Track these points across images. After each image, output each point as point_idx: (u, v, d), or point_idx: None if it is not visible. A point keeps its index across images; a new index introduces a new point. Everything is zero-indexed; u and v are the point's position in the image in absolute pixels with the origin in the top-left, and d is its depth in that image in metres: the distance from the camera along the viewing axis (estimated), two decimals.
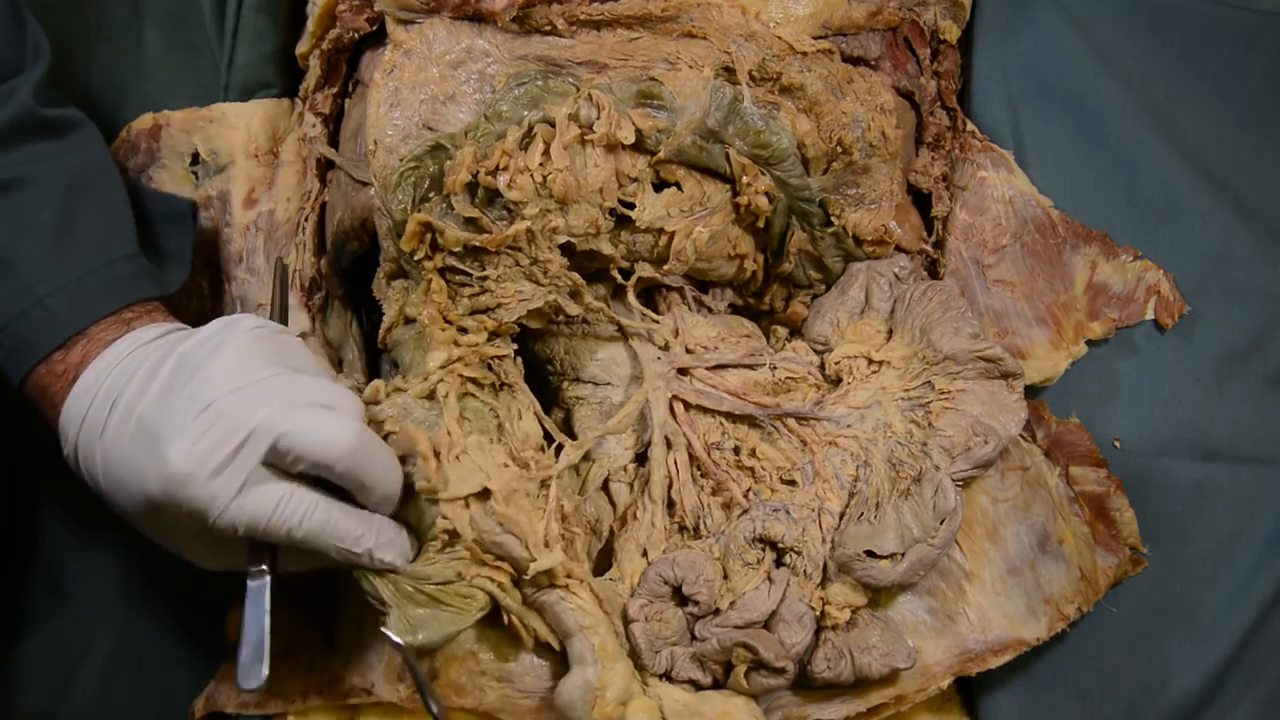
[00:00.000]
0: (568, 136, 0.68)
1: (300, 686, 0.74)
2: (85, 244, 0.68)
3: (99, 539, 0.78)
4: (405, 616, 0.64)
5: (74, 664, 0.77)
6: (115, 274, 0.68)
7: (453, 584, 0.65)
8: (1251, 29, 0.79)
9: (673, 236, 0.71)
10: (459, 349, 0.69)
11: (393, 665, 0.73)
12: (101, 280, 0.67)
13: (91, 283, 0.67)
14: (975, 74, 0.80)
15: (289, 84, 0.81)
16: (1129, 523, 0.75)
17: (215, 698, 0.75)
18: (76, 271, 0.67)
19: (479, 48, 0.70)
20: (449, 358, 0.69)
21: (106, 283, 0.67)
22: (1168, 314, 0.77)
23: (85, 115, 0.73)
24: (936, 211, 0.79)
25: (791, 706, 0.73)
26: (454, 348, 0.69)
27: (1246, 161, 0.79)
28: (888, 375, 0.74)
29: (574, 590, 0.67)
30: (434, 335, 0.69)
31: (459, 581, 0.65)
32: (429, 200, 0.68)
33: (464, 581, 0.65)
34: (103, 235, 0.70)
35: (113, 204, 0.72)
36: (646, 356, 0.75)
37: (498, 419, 0.70)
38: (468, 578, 0.65)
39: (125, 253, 0.70)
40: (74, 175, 0.70)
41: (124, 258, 0.69)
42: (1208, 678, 0.74)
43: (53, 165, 0.69)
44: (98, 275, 0.67)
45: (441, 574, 0.65)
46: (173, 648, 0.78)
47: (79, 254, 0.67)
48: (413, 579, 0.65)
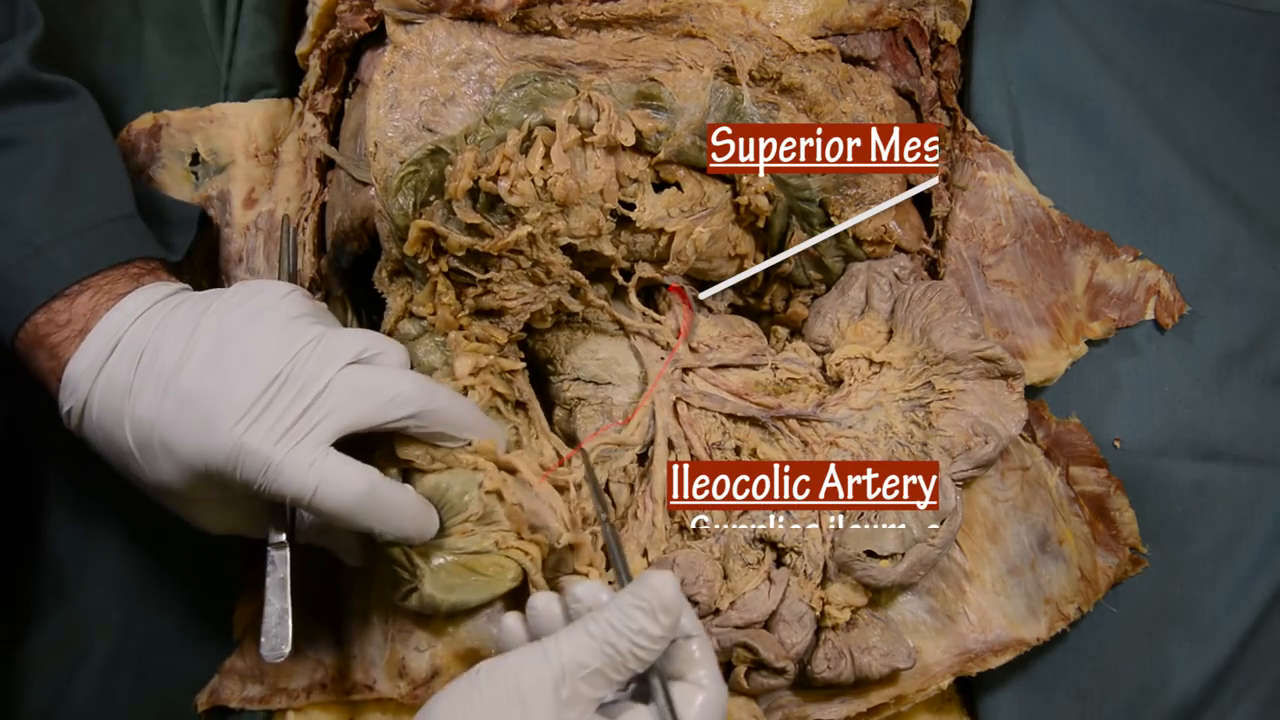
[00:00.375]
0: (568, 139, 0.68)
1: (302, 683, 0.74)
2: (85, 200, 0.67)
3: (100, 539, 0.78)
4: (437, 581, 0.65)
5: (74, 664, 0.77)
6: (117, 230, 0.67)
7: (487, 554, 0.67)
8: (1251, 29, 0.79)
9: (673, 237, 0.71)
10: (485, 358, 0.71)
11: (394, 661, 0.73)
12: (102, 235, 0.66)
13: (92, 237, 0.66)
14: (975, 74, 0.80)
15: (289, 84, 0.81)
16: (1129, 523, 0.75)
17: (219, 692, 0.76)
18: (77, 224, 0.65)
19: (478, 49, 0.70)
20: (477, 364, 0.70)
21: (108, 237, 0.66)
22: (1168, 314, 0.77)
23: (76, 82, 0.72)
24: (936, 211, 0.79)
25: (791, 706, 0.73)
26: (480, 356, 0.70)
27: (1246, 161, 0.79)
28: (888, 376, 0.74)
29: (593, 580, 0.68)
30: (458, 342, 0.70)
31: (494, 552, 0.67)
32: (430, 204, 0.68)
33: (499, 551, 0.67)
34: (102, 194, 0.68)
35: (110, 167, 0.70)
36: (649, 356, 0.75)
37: (518, 435, 0.72)
38: (503, 547, 0.67)
39: (124, 213, 0.68)
40: (72, 136, 0.69)
41: (123, 217, 0.68)
42: (1208, 678, 0.74)
43: (50, 126, 0.68)
44: (98, 230, 0.66)
45: (478, 544, 0.67)
46: (173, 647, 0.78)
47: (79, 209, 0.66)
48: (446, 550, 0.66)
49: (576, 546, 0.69)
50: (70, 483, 0.79)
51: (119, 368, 0.63)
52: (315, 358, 0.61)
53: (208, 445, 0.60)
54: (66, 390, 0.64)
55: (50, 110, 0.69)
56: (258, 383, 0.60)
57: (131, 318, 0.63)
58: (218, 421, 0.59)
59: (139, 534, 0.78)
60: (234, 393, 0.60)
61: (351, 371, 0.62)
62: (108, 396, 0.63)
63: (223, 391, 0.60)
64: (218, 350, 0.62)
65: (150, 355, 0.62)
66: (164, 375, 0.62)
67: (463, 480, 0.66)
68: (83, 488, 0.78)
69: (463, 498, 0.66)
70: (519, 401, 0.73)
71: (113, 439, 0.63)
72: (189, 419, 0.60)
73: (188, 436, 0.60)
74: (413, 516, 0.64)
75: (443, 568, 0.66)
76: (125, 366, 0.63)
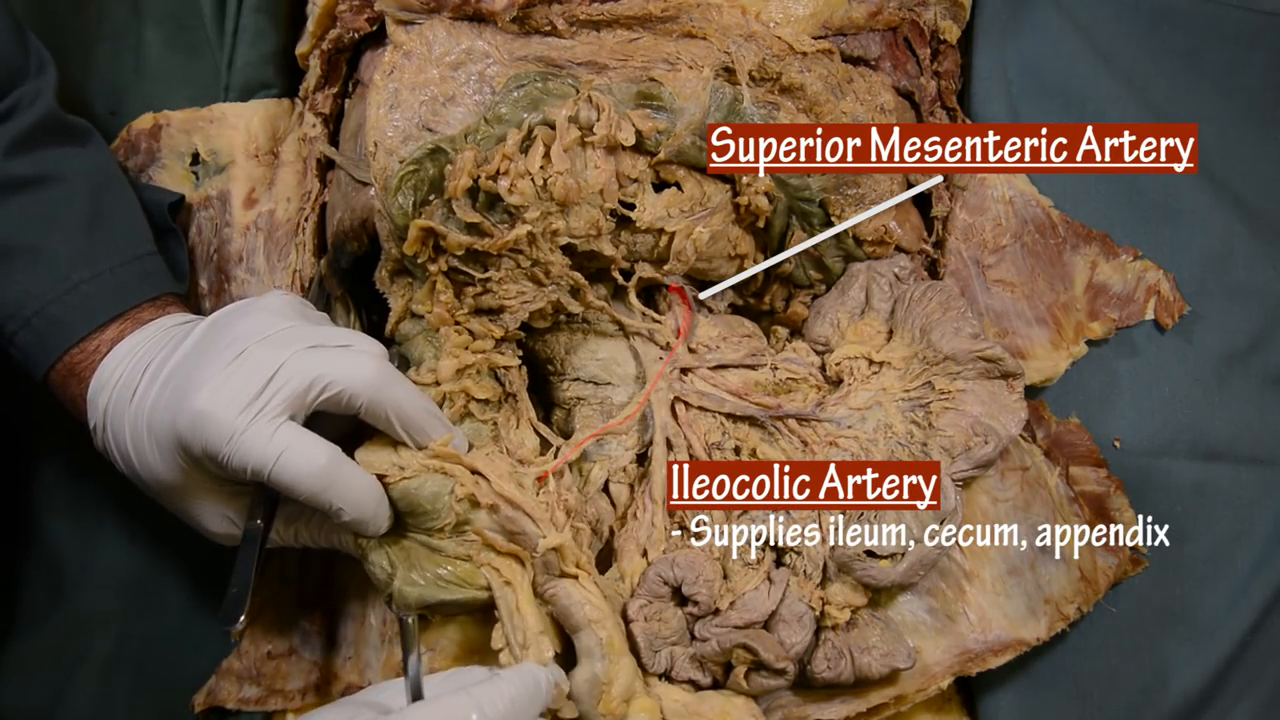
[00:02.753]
0: (568, 139, 0.67)
1: (298, 684, 0.74)
2: (115, 238, 0.71)
3: (99, 540, 0.78)
4: (410, 578, 0.66)
5: (74, 664, 0.78)
6: (144, 267, 0.71)
7: (464, 561, 0.67)
8: (1251, 29, 0.79)
9: (673, 237, 0.71)
10: (472, 355, 0.71)
11: (392, 663, 0.73)
12: (134, 271, 0.70)
13: (125, 273, 0.70)
14: (975, 74, 0.80)
15: (289, 84, 0.82)
16: (1129, 523, 0.75)
17: (216, 693, 0.76)
18: (111, 261, 0.69)
19: (478, 49, 0.70)
20: (461, 365, 0.70)
21: (139, 273, 0.70)
22: (1168, 314, 0.77)
23: (90, 124, 0.76)
24: (936, 211, 0.79)
25: (791, 706, 0.73)
26: (467, 354, 0.70)
27: (1246, 161, 0.79)
28: (888, 376, 0.74)
29: (583, 583, 0.68)
30: (447, 338, 0.70)
31: (468, 562, 0.67)
32: (430, 204, 0.68)
33: (472, 563, 0.67)
34: (129, 232, 0.72)
35: (132, 205, 0.74)
36: (648, 356, 0.75)
37: (495, 430, 0.71)
38: (477, 562, 0.67)
39: (149, 250, 0.72)
40: (97, 175, 0.72)
41: (149, 254, 0.72)
42: (1208, 678, 0.74)
43: (78, 165, 0.72)
44: (130, 266, 0.70)
45: (454, 550, 0.67)
46: (173, 648, 0.78)
47: (112, 246, 0.70)
48: (425, 546, 0.67)
49: (560, 550, 0.67)
50: (70, 483, 0.79)
51: (129, 376, 0.66)
52: (278, 340, 0.63)
53: (177, 417, 0.62)
54: (90, 408, 0.67)
55: (75, 151, 0.73)
56: (224, 360, 0.62)
57: (149, 337, 0.67)
58: (187, 393, 0.62)
59: (139, 534, 0.78)
60: (203, 370, 0.62)
61: (308, 353, 0.63)
62: (118, 403, 0.65)
63: (195, 369, 0.62)
64: (204, 340, 0.64)
65: (156, 360, 0.65)
66: (158, 370, 0.64)
67: (434, 484, 0.66)
68: (83, 488, 0.78)
69: (435, 503, 0.66)
70: (508, 393, 0.73)
71: (120, 442, 0.66)
72: (166, 397, 0.63)
73: (164, 413, 0.63)
74: (375, 497, 0.65)
75: (417, 568, 0.66)
76: (133, 372, 0.65)
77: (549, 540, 0.66)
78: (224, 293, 0.79)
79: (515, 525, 0.67)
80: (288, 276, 0.78)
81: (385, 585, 0.66)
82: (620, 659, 0.67)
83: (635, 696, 0.67)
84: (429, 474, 0.66)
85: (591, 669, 0.66)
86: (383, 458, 0.67)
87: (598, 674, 0.66)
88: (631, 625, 0.70)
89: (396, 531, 0.67)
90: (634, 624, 0.70)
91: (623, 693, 0.66)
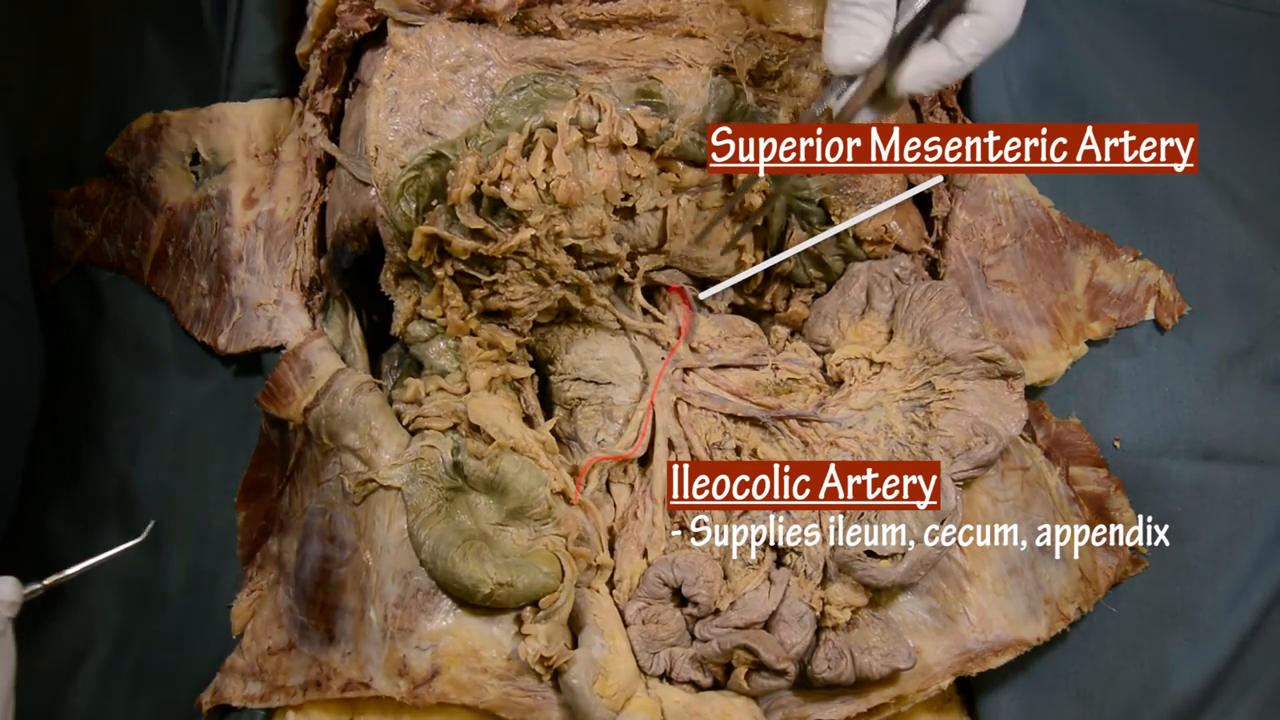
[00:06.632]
0: (569, 141, 0.68)
1: (299, 680, 0.74)
2: None
3: (99, 540, 0.78)
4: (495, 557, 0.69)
5: (74, 664, 0.77)
6: None
7: (539, 552, 0.70)
8: (1251, 29, 0.80)
9: (666, 211, 0.71)
10: (497, 368, 0.73)
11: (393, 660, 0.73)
12: None
13: None
14: (975, 74, 0.80)
15: (289, 84, 0.81)
16: (1129, 523, 0.75)
17: (222, 690, 0.76)
18: None
19: (478, 51, 0.70)
20: (491, 377, 0.72)
21: None
22: (1168, 314, 0.78)
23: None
24: (936, 211, 0.79)
25: (792, 707, 0.73)
26: (494, 366, 0.72)
27: (1246, 162, 0.79)
28: (889, 376, 0.74)
29: (601, 598, 0.71)
30: (471, 351, 0.72)
31: (543, 551, 0.70)
32: (432, 209, 0.68)
33: (545, 549, 0.70)
34: None
35: None
36: (649, 356, 0.75)
37: None
38: (549, 548, 0.70)
39: None
40: None
41: None
42: (1208, 678, 0.75)
43: None
44: None
45: (530, 538, 0.70)
46: (173, 648, 0.78)
47: None
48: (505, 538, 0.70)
49: (601, 567, 0.72)
50: (70, 482, 0.79)
51: None
52: None
53: None
54: None
55: None
56: None
57: None
58: None
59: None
60: None
61: None
62: None
63: None
64: None
65: None
66: None
67: (531, 473, 0.69)
68: (83, 488, 0.78)
69: (531, 491, 0.69)
70: (526, 415, 0.73)
71: None
72: None
73: None
74: None
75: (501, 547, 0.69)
76: None
77: (603, 557, 0.72)
78: (224, 292, 0.79)
79: (584, 531, 0.71)
80: (288, 276, 0.78)
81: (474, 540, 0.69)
82: (621, 656, 0.68)
83: (635, 696, 0.68)
84: (526, 460, 0.69)
85: (588, 653, 0.68)
86: (495, 417, 0.70)
87: (594, 657, 0.68)
88: (628, 629, 0.71)
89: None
90: (630, 627, 0.71)
91: (620, 684, 0.67)
